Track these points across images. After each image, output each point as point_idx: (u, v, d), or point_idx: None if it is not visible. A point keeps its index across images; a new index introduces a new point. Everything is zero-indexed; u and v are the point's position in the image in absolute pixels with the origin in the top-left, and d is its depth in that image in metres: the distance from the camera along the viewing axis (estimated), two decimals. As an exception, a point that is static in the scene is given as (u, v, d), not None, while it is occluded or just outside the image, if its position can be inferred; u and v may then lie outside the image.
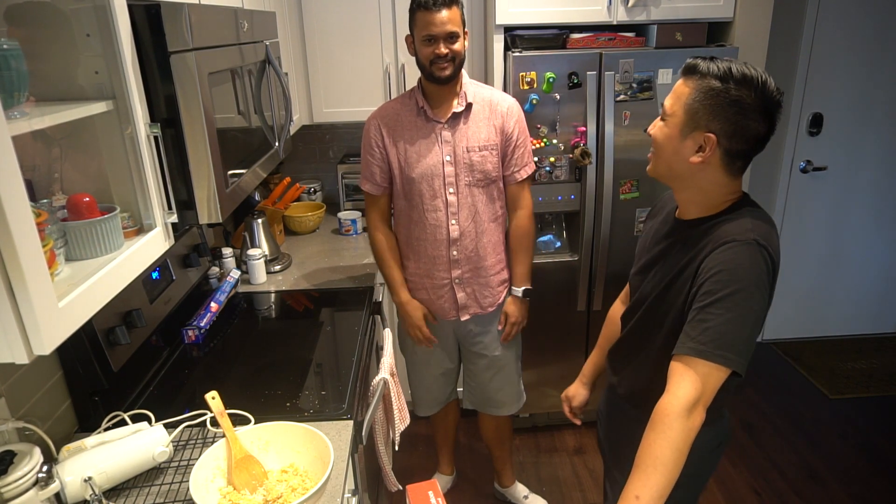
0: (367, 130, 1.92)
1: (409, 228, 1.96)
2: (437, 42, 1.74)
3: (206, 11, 1.29)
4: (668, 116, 1.16)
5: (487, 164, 1.87)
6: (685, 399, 1.05)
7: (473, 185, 1.88)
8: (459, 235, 1.91)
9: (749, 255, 1.08)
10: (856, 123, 3.18)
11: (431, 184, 1.87)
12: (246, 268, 2.25)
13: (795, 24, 3.01)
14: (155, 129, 1.15)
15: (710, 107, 1.10)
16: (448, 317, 2.04)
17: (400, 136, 1.88)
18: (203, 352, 1.79)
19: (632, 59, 2.33)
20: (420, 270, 1.99)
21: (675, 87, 1.16)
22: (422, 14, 1.73)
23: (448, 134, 1.85)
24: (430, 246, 1.93)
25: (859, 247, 3.41)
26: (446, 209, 1.89)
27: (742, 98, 1.08)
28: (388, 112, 1.90)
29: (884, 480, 2.55)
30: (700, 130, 1.12)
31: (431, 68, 1.77)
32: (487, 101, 1.88)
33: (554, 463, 2.70)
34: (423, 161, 1.86)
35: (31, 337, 0.81)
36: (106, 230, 1.05)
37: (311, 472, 1.26)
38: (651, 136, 1.22)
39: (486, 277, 1.99)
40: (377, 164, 1.92)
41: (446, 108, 1.86)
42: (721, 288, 1.07)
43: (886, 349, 3.47)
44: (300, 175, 3.10)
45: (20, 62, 0.87)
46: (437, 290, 2.00)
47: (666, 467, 1.03)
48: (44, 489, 1.07)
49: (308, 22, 2.55)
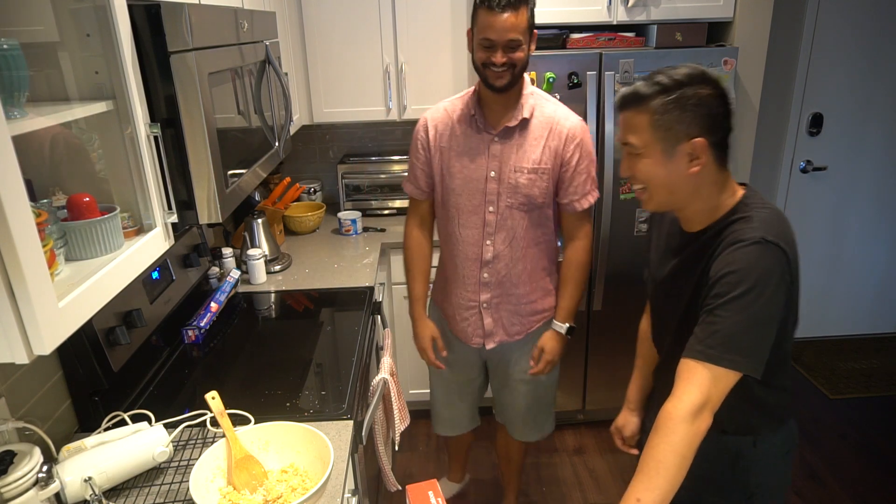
0: (417, 129, 1.79)
1: (444, 240, 1.84)
2: (496, 49, 1.53)
3: (206, 11, 1.29)
4: (643, 149, 1.13)
5: (535, 188, 1.68)
6: (690, 404, 1.05)
7: (516, 207, 1.70)
8: (493, 258, 1.75)
9: (757, 255, 1.07)
10: (856, 123, 3.18)
11: (471, 198, 1.71)
12: (246, 268, 2.25)
13: (795, 24, 3.01)
14: (155, 129, 1.15)
15: (678, 117, 1.10)
16: (471, 342, 1.88)
17: (447, 141, 1.73)
18: (203, 352, 1.79)
19: (632, 59, 2.33)
20: (447, 289, 1.88)
21: (625, 121, 1.15)
22: (484, 13, 1.52)
23: (497, 148, 1.68)
24: (461, 263, 1.79)
25: (859, 247, 3.41)
26: (483, 228, 1.73)
27: (697, 93, 1.10)
28: (440, 113, 1.75)
29: (884, 480, 2.55)
30: (683, 141, 1.11)
31: (486, 73, 1.59)
32: (548, 119, 1.68)
33: (554, 463, 2.69)
34: (465, 173, 1.70)
35: (31, 337, 0.81)
36: (106, 230, 1.05)
37: (311, 472, 1.26)
38: (631, 176, 1.19)
39: (516, 305, 1.82)
40: (421, 167, 1.79)
41: (500, 119, 1.67)
42: (729, 290, 1.06)
43: (886, 349, 3.46)
44: (300, 175, 3.10)
45: (20, 62, 0.87)
46: (462, 312, 1.86)
47: (669, 471, 1.02)
48: (44, 489, 1.07)
49: (308, 22, 2.55)
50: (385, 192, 2.91)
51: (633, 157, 1.16)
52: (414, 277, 1.90)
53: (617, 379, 2.73)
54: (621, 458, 2.69)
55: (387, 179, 2.90)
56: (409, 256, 1.91)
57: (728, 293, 1.06)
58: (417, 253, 1.89)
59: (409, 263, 1.91)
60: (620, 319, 2.62)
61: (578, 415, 2.91)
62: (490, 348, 1.88)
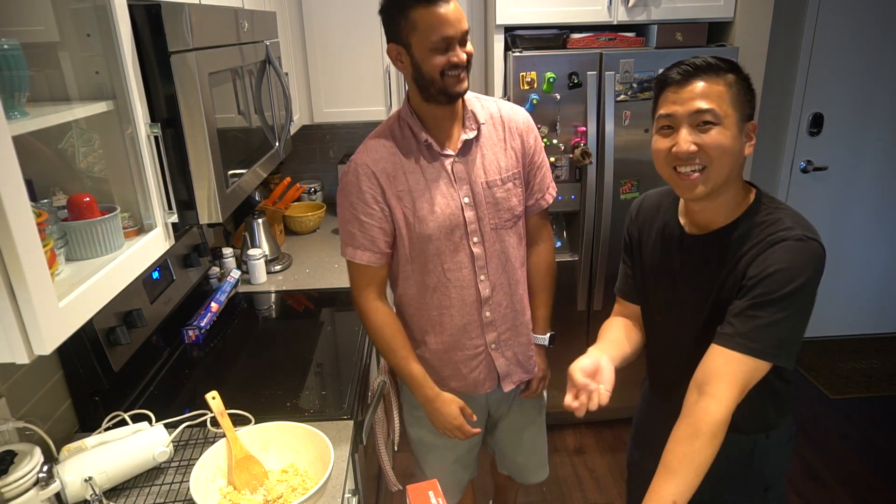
0: (354, 182, 1.43)
1: (423, 298, 1.52)
2: (454, 46, 1.31)
3: (207, 11, 1.29)
4: (723, 118, 1.07)
5: (513, 198, 1.49)
6: (732, 405, 1.06)
7: (501, 227, 1.49)
8: (491, 292, 1.51)
9: (806, 254, 1.06)
10: (856, 123, 3.18)
11: (450, 237, 1.44)
12: (246, 268, 2.25)
13: (795, 24, 3.01)
14: (155, 129, 1.15)
15: (746, 95, 1.10)
16: (482, 390, 1.62)
17: (402, 183, 1.42)
18: (203, 352, 1.79)
19: (632, 59, 2.33)
20: (444, 344, 1.56)
21: (705, 89, 1.08)
22: (426, 11, 1.27)
23: (460, 168, 1.44)
24: (458, 313, 1.51)
25: (859, 247, 3.41)
26: (472, 264, 1.48)
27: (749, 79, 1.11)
28: (379, 155, 1.43)
29: (884, 480, 2.55)
30: (746, 121, 1.11)
31: (445, 82, 1.33)
32: (498, 118, 1.49)
33: (554, 463, 2.69)
34: (437, 211, 1.42)
35: (32, 337, 0.81)
36: (106, 230, 1.06)
37: (311, 472, 1.26)
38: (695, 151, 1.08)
39: (527, 335, 1.62)
40: (378, 225, 1.43)
41: (453, 135, 1.44)
42: (778, 287, 1.05)
43: (886, 349, 3.46)
44: (300, 175, 3.10)
45: (20, 62, 0.87)
46: (468, 363, 1.57)
47: (705, 472, 1.04)
48: (44, 489, 1.07)
49: (308, 22, 2.55)
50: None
51: (703, 127, 1.08)
52: (404, 356, 1.53)
53: (617, 379, 2.72)
54: (621, 458, 2.69)
55: (387, 179, 2.89)
56: (387, 335, 1.51)
57: (777, 290, 1.05)
58: (394, 327, 1.52)
59: (391, 342, 1.52)
60: (620, 319, 2.62)
61: (578, 415, 2.91)
62: (509, 390, 1.64)
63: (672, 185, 1.17)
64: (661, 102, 1.13)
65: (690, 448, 1.05)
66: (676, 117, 1.10)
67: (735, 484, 1.29)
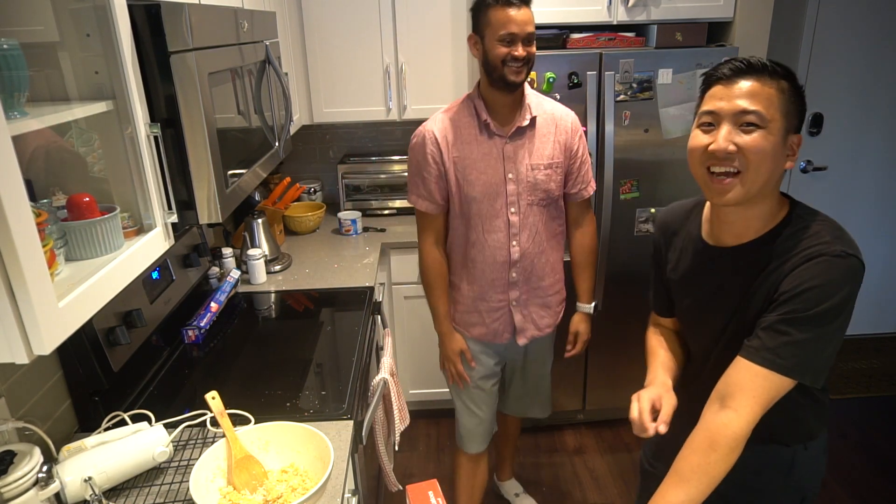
0: (420, 143, 1.75)
1: (465, 249, 1.82)
2: (516, 43, 1.59)
3: (206, 11, 1.29)
4: (769, 122, 1.02)
5: (551, 182, 1.75)
6: (753, 421, 1.03)
7: (536, 204, 1.76)
8: (520, 257, 1.79)
9: (842, 271, 1.01)
10: (856, 123, 3.18)
11: (493, 203, 1.74)
12: (246, 268, 2.25)
13: (795, 24, 3.01)
14: (155, 129, 1.15)
15: (796, 107, 1.04)
16: (501, 340, 1.91)
17: (459, 150, 1.73)
18: (203, 352, 1.79)
19: (632, 59, 2.33)
20: (474, 293, 1.86)
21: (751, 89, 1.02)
22: (500, 11, 1.58)
23: (511, 149, 1.72)
24: (489, 268, 1.80)
25: (860, 247, 3.41)
26: (507, 230, 1.76)
27: (802, 92, 1.05)
28: (446, 124, 1.74)
29: (884, 480, 2.55)
30: (791, 133, 1.05)
31: (504, 70, 1.61)
32: (551, 116, 1.76)
33: (554, 463, 2.69)
34: (484, 179, 1.72)
35: (31, 337, 0.81)
36: (106, 230, 1.05)
37: (311, 472, 1.26)
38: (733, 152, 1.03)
39: (543, 298, 1.89)
40: (435, 180, 1.75)
41: (511, 121, 1.72)
42: (811, 305, 1.00)
43: (886, 349, 3.46)
44: (300, 175, 3.10)
45: (20, 62, 0.87)
46: (491, 314, 1.87)
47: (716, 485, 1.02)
48: (44, 489, 1.07)
49: (308, 22, 2.55)
50: (385, 193, 2.91)
51: (746, 129, 1.02)
52: (438, 296, 1.88)
53: (617, 379, 2.73)
54: (621, 458, 2.69)
55: (387, 179, 2.90)
56: (431, 275, 1.86)
57: (811, 308, 1.01)
58: (438, 271, 1.86)
59: (433, 282, 1.87)
60: (621, 319, 2.62)
61: (578, 415, 2.91)
62: (522, 344, 1.92)
63: (703, 187, 1.10)
64: (707, 98, 1.07)
65: (706, 460, 1.03)
66: (720, 114, 1.04)
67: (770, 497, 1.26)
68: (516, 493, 2.45)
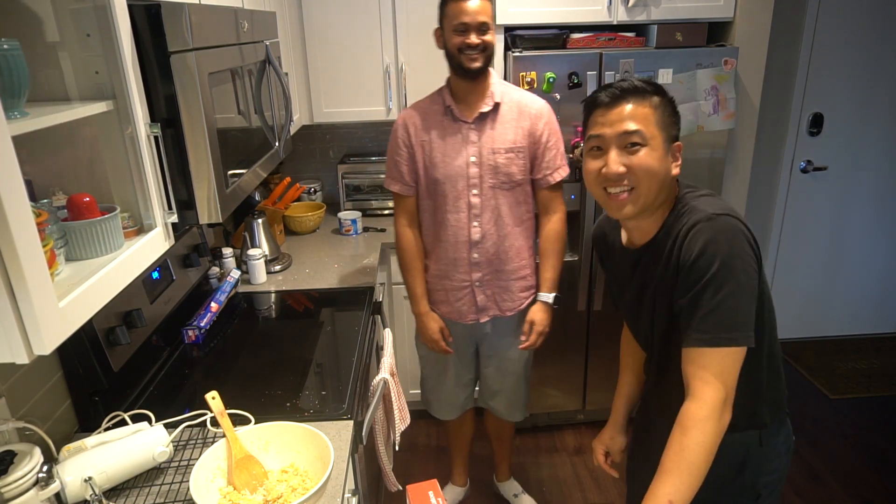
0: (395, 129, 1.90)
1: (432, 229, 1.93)
2: (469, 32, 1.71)
3: (206, 11, 1.29)
4: (650, 139, 1.12)
5: (513, 166, 1.83)
6: (713, 402, 1.06)
7: (497, 187, 1.83)
8: (481, 238, 1.87)
9: (717, 229, 1.08)
10: (856, 123, 3.18)
11: (455, 185, 1.83)
12: (246, 268, 2.25)
13: (795, 24, 3.01)
14: (155, 129, 1.15)
15: (671, 117, 1.15)
16: (466, 319, 1.99)
17: (426, 135, 1.85)
18: (203, 352, 1.79)
19: (632, 59, 2.33)
20: (439, 271, 1.96)
21: (634, 112, 1.12)
22: (455, 4, 1.72)
23: (475, 134, 1.82)
24: (451, 248, 1.90)
25: (859, 247, 3.41)
26: (469, 211, 1.85)
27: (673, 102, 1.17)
28: (416, 111, 1.88)
29: (884, 480, 2.55)
30: (671, 142, 1.15)
31: (461, 58, 1.74)
32: (516, 103, 1.84)
33: (554, 463, 2.69)
34: (447, 161, 1.83)
35: (32, 337, 0.81)
36: (106, 230, 1.05)
37: (311, 472, 1.26)
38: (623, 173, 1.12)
39: (506, 282, 1.95)
40: (405, 163, 1.88)
41: (474, 107, 1.82)
42: (703, 272, 1.07)
43: (886, 349, 3.47)
44: (300, 175, 3.10)
45: (21, 62, 0.87)
46: (455, 293, 1.96)
47: (700, 471, 1.04)
48: (44, 489, 1.07)
49: (308, 22, 2.55)
50: (385, 192, 2.90)
51: (631, 149, 1.12)
52: (413, 276, 1.98)
53: (617, 379, 2.72)
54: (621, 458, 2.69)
55: (387, 179, 2.90)
56: (406, 255, 1.97)
57: (703, 276, 1.07)
58: (413, 251, 1.96)
59: (408, 262, 1.97)
60: (621, 319, 2.61)
61: (578, 415, 2.91)
62: (484, 322, 1.99)
63: (603, 205, 1.20)
64: (591, 124, 1.18)
65: (680, 446, 1.06)
66: (605, 138, 1.14)
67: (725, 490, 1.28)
68: (515, 494, 2.45)
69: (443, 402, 2.22)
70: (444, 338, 2.01)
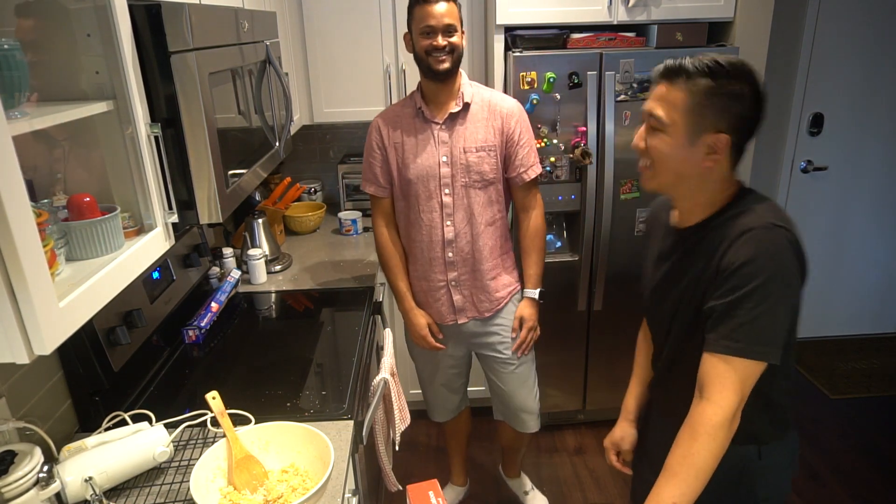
0: (369, 132, 1.92)
1: (407, 230, 1.94)
2: (436, 34, 1.73)
3: (207, 11, 1.29)
4: (668, 126, 1.09)
5: (484, 164, 1.83)
6: (729, 409, 1.04)
7: (470, 186, 1.84)
8: (454, 237, 1.88)
9: (771, 241, 1.04)
10: (856, 123, 3.18)
11: (427, 185, 1.84)
12: (246, 268, 2.25)
13: (795, 24, 3.01)
14: (155, 129, 1.15)
15: (713, 106, 1.06)
16: (446, 321, 2.00)
17: (398, 137, 1.87)
18: (203, 352, 1.79)
19: (632, 59, 2.33)
20: (417, 272, 1.97)
21: (660, 93, 1.10)
22: (420, 7, 1.74)
23: (445, 135, 1.83)
24: (426, 247, 1.91)
25: (860, 247, 3.41)
26: (441, 210, 1.86)
27: (740, 91, 1.06)
28: (389, 114, 1.91)
29: (884, 480, 2.55)
30: (708, 132, 1.07)
31: (429, 60, 1.75)
32: (486, 102, 1.85)
33: (554, 463, 2.69)
34: (419, 162, 1.84)
35: (32, 337, 0.81)
36: (106, 230, 1.05)
37: (311, 472, 1.26)
38: (643, 149, 1.15)
39: (483, 281, 1.94)
40: (379, 165, 1.91)
41: (444, 108, 1.84)
42: (748, 281, 1.03)
43: (886, 349, 3.46)
44: (300, 175, 3.10)
45: (21, 62, 0.87)
46: (433, 293, 1.97)
47: (706, 477, 1.04)
48: (44, 489, 1.07)
49: (308, 22, 2.55)
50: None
51: (652, 130, 1.12)
52: (396, 275, 1.99)
53: (617, 379, 2.72)
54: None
55: (387, 179, 2.89)
56: (386, 256, 1.99)
57: (746, 284, 1.03)
58: (391, 250, 1.98)
59: (389, 262, 1.99)
60: (621, 319, 2.62)
61: (578, 415, 2.91)
62: (462, 323, 1.99)
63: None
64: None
65: (689, 450, 1.05)
66: (642, 112, 1.16)
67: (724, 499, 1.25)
68: (525, 491, 2.45)
69: (435, 404, 2.24)
70: (433, 334, 2.02)
